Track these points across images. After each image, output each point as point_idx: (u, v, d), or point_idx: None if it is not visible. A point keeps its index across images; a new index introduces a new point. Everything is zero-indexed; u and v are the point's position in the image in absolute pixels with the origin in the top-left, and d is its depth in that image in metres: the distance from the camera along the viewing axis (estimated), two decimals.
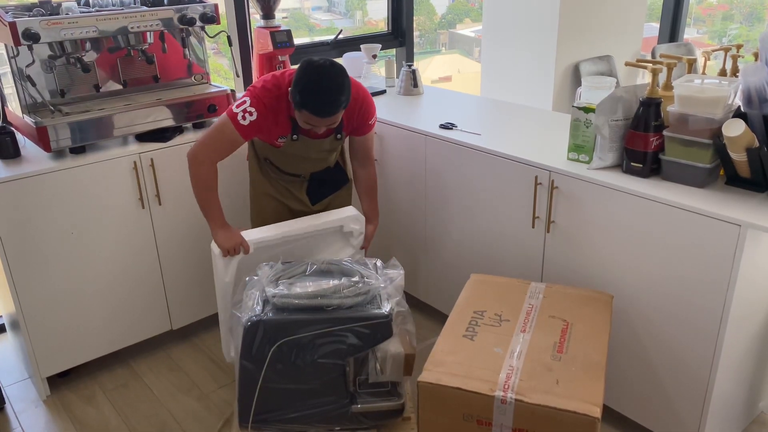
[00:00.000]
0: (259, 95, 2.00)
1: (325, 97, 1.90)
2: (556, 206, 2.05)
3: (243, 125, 1.99)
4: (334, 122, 1.99)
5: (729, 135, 1.70)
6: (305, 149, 2.15)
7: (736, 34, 5.95)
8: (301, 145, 2.13)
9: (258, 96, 2.00)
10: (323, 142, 2.15)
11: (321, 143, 2.15)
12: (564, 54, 3.74)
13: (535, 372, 1.59)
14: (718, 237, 1.69)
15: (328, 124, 1.98)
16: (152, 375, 2.49)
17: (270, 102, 2.01)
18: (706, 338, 1.79)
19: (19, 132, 2.33)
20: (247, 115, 1.98)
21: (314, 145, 2.15)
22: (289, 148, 2.14)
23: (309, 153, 2.17)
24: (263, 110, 1.99)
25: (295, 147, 2.13)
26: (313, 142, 2.13)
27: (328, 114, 1.92)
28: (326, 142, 2.15)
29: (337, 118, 1.97)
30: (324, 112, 1.92)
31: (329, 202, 2.36)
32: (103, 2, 2.34)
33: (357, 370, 1.89)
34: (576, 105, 1.99)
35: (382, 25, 3.90)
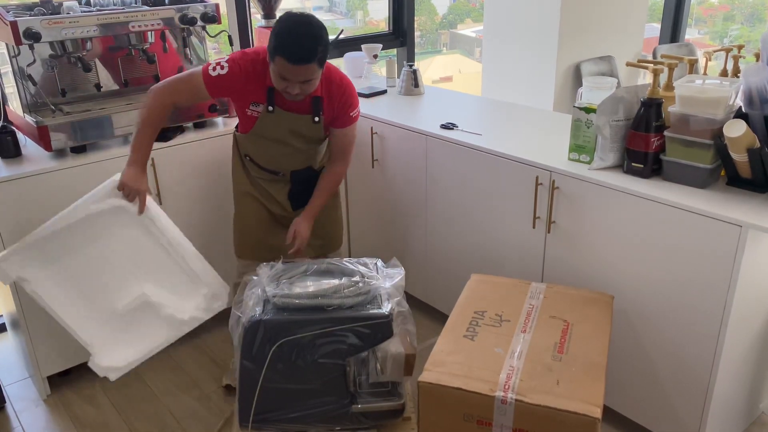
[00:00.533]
0: (236, 56, 1.99)
1: (300, 42, 1.84)
2: (556, 206, 2.05)
3: (211, 76, 1.96)
4: (308, 77, 1.89)
5: (730, 135, 1.70)
6: (280, 126, 2.06)
7: (737, 34, 5.95)
8: (277, 121, 2.05)
9: (234, 57, 1.99)
10: (300, 120, 2.06)
11: (298, 119, 2.06)
12: (565, 54, 3.74)
13: (536, 372, 1.59)
14: (719, 237, 1.68)
15: (301, 77, 1.88)
16: (153, 374, 2.49)
17: (245, 64, 1.97)
18: (706, 339, 1.79)
19: (20, 131, 2.33)
20: (218, 67, 1.96)
21: (291, 122, 2.06)
22: (266, 127, 2.06)
23: (286, 135, 2.07)
24: (235, 69, 1.96)
25: (271, 123, 2.05)
26: (290, 116, 2.05)
27: (301, 60, 1.84)
28: (303, 120, 2.06)
29: (311, 72, 1.88)
30: (297, 57, 1.84)
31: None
32: (104, 2, 2.34)
33: (357, 370, 1.88)
34: (577, 105, 1.99)
35: (383, 25, 3.90)
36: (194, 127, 2.52)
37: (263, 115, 2.04)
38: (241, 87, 1.99)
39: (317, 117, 2.06)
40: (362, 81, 3.18)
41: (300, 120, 2.07)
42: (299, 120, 2.07)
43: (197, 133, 2.46)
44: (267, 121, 2.05)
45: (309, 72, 1.88)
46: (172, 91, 1.99)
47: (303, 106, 2.04)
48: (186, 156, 2.41)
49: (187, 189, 2.44)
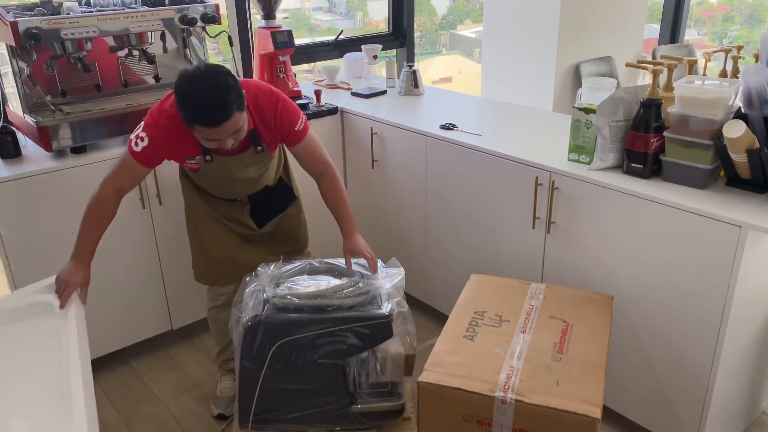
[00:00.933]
0: (154, 117, 1.83)
1: (209, 104, 1.68)
2: (556, 207, 2.05)
3: (136, 152, 1.82)
4: (235, 129, 1.74)
5: (729, 136, 1.70)
6: (227, 170, 1.94)
7: (737, 35, 5.95)
8: (221, 166, 1.92)
9: (152, 119, 1.83)
10: (243, 159, 1.94)
11: (241, 160, 1.94)
12: (564, 55, 3.74)
13: (536, 372, 1.59)
14: (719, 238, 1.69)
15: (228, 133, 1.73)
16: (152, 375, 2.49)
17: (166, 122, 1.81)
18: (706, 339, 1.79)
19: (20, 131, 2.33)
20: (139, 141, 1.81)
21: (235, 164, 1.93)
22: (210, 171, 1.94)
23: (233, 173, 1.95)
24: (156, 134, 1.81)
25: (215, 169, 1.93)
26: (232, 159, 1.92)
27: (219, 121, 1.69)
28: (247, 157, 1.94)
29: (235, 123, 1.73)
30: (214, 120, 1.69)
31: (278, 222, 2.16)
32: (104, 2, 2.34)
33: (357, 370, 1.89)
34: (577, 106, 1.99)
35: (383, 26, 3.90)
36: None
37: (203, 165, 1.92)
38: (169, 148, 1.85)
39: (259, 146, 1.94)
40: (362, 81, 3.18)
41: (242, 157, 1.94)
42: (241, 158, 1.94)
43: None
44: (209, 168, 1.94)
45: (233, 124, 1.73)
46: (112, 180, 1.86)
47: (242, 144, 1.89)
48: None
49: None
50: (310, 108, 2.75)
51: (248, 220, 2.11)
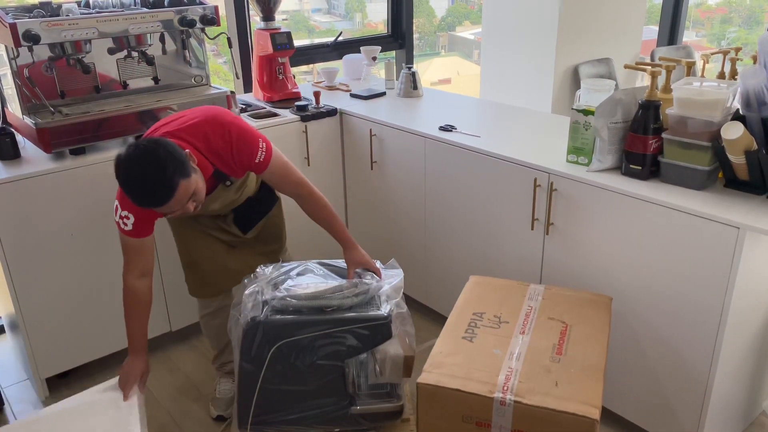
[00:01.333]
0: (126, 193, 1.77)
1: (151, 191, 1.65)
2: (555, 208, 2.06)
3: (129, 231, 1.81)
4: (187, 196, 1.70)
5: (728, 138, 1.71)
6: (203, 209, 1.91)
7: (735, 37, 5.96)
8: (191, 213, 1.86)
9: (122, 193, 1.77)
10: (215, 195, 1.92)
11: (213, 197, 1.92)
12: (563, 56, 3.75)
13: (534, 374, 1.59)
14: (717, 239, 1.69)
15: (183, 202, 1.70)
16: (151, 376, 2.47)
17: None
18: (705, 340, 1.79)
19: (19, 133, 2.33)
20: (126, 220, 1.80)
21: (209, 203, 1.91)
22: (183, 219, 1.95)
23: (208, 208, 1.94)
24: (135, 206, 1.75)
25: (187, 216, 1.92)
26: (203, 204, 1.86)
27: (165, 200, 1.66)
28: (218, 193, 1.92)
29: (185, 192, 1.68)
30: (159, 201, 1.66)
31: (263, 226, 2.14)
32: (103, 4, 2.34)
33: (356, 371, 1.89)
34: (575, 107, 1.99)
35: (382, 27, 3.91)
36: None
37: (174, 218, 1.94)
38: (149, 212, 1.80)
39: (227, 181, 1.91)
40: (361, 83, 3.19)
41: (213, 195, 1.92)
42: (213, 195, 1.92)
43: None
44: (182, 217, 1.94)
45: (183, 194, 1.68)
46: (129, 269, 1.87)
47: (208, 185, 1.85)
48: None
49: None
50: (309, 109, 2.75)
51: (233, 228, 2.09)
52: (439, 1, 7.03)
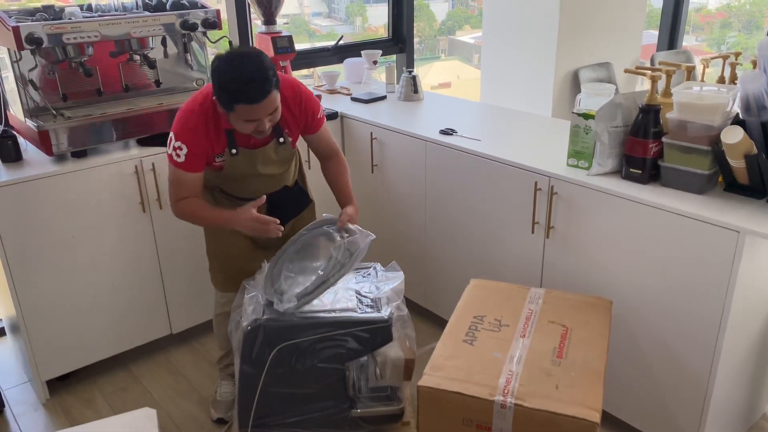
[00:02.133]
0: (182, 123, 1.86)
1: (252, 80, 1.73)
2: (555, 212, 2.06)
3: (181, 163, 1.86)
4: (274, 107, 1.79)
5: (727, 142, 1.71)
6: (250, 163, 1.96)
7: (735, 41, 5.98)
8: (245, 160, 1.94)
9: (181, 126, 1.86)
10: (266, 151, 1.96)
11: (265, 152, 1.96)
12: (563, 61, 3.76)
13: (535, 377, 1.59)
14: (717, 243, 1.69)
15: (268, 111, 1.78)
16: (152, 379, 2.49)
17: (196, 122, 1.85)
18: (705, 343, 1.80)
19: (21, 136, 2.33)
20: (179, 150, 1.84)
21: (259, 156, 1.96)
22: (233, 167, 1.95)
23: (256, 167, 1.97)
24: (191, 137, 1.84)
25: (239, 163, 1.94)
26: (256, 152, 1.95)
27: (263, 96, 1.74)
28: (269, 150, 1.96)
29: (274, 100, 1.78)
30: (257, 96, 1.74)
31: (292, 226, 2.14)
32: (105, 7, 2.35)
33: (357, 374, 1.89)
34: (576, 111, 2.00)
35: (382, 31, 3.92)
36: None
37: (228, 159, 1.94)
38: (205, 147, 1.88)
39: (281, 138, 1.97)
40: (362, 87, 3.20)
41: (266, 150, 1.97)
42: (266, 150, 1.97)
43: None
44: (234, 164, 1.95)
45: (272, 102, 1.78)
46: (179, 198, 1.92)
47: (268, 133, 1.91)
48: None
49: None
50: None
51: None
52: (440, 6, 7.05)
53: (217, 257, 2.15)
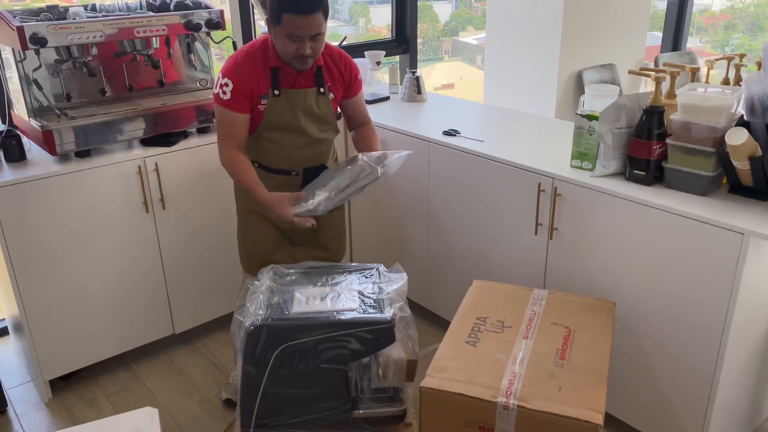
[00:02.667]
0: (230, 64, 1.97)
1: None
2: (558, 213, 2.06)
3: (226, 100, 1.94)
4: (319, 29, 1.87)
5: (732, 143, 1.71)
6: (292, 109, 2.00)
7: (739, 43, 5.97)
8: (287, 103, 1.99)
9: (228, 66, 1.96)
10: (308, 96, 2.01)
11: (306, 97, 2.01)
12: (567, 62, 3.75)
13: (538, 378, 1.59)
14: (721, 245, 1.69)
15: (313, 30, 1.86)
16: (154, 379, 2.49)
17: (243, 64, 1.95)
18: (708, 346, 1.79)
19: (25, 135, 2.34)
20: (225, 87, 1.94)
21: (300, 100, 2.00)
22: (275, 112, 2.00)
23: (297, 114, 2.01)
24: (237, 74, 1.94)
25: (281, 107, 1.99)
26: (296, 93, 2.00)
27: (310, 8, 1.83)
28: (311, 95, 2.02)
29: (320, 24, 1.87)
30: (306, 7, 1.82)
31: (319, 224, 2.14)
32: (110, 7, 2.36)
33: (359, 375, 1.89)
34: (579, 113, 1.99)
35: (385, 32, 3.92)
36: (198, 132, 2.53)
37: (271, 102, 1.99)
38: (251, 85, 1.96)
39: (322, 88, 2.04)
40: (365, 88, 3.19)
41: (307, 95, 2.02)
42: (306, 96, 2.02)
43: (201, 138, 2.47)
44: (275, 108, 2.00)
45: (317, 24, 1.86)
46: (224, 143, 1.99)
47: (307, 80, 2.02)
48: (190, 160, 2.42)
49: (191, 193, 2.45)
50: None
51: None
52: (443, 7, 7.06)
53: (243, 241, 2.21)
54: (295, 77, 2.00)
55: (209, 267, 2.57)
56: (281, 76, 1.98)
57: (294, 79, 2.00)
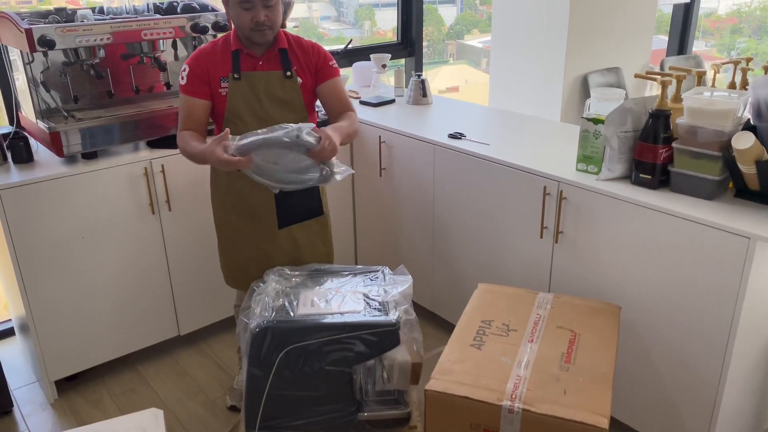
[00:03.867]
0: (192, 53, 2.01)
1: None
2: (564, 217, 2.06)
3: (183, 84, 1.97)
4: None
5: (738, 147, 1.71)
6: (253, 91, 1.97)
7: (745, 47, 5.96)
8: (247, 86, 1.96)
9: (191, 54, 2.00)
10: (270, 79, 1.98)
11: (268, 80, 1.98)
12: (572, 65, 3.75)
13: (543, 382, 1.59)
14: (727, 249, 1.69)
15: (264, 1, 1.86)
16: (159, 380, 2.50)
17: (202, 51, 1.98)
18: (714, 350, 1.79)
19: (33, 137, 2.35)
20: (183, 72, 1.97)
21: (261, 83, 1.97)
22: (236, 96, 1.96)
23: (259, 96, 1.97)
24: (194, 59, 1.97)
25: (242, 90, 1.96)
26: (259, 76, 1.97)
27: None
28: (274, 77, 1.98)
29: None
30: None
31: (298, 233, 2.12)
32: (117, 10, 2.37)
33: (364, 378, 1.89)
34: (585, 116, 1.99)
35: (391, 35, 3.92)
36: None
37: (231, 85, 1.96)
38: (207, 69, 1.96)
39: (288, 71, 1.99)
40: (371, 90, 3.20)
41: (271, 77, 1.99)
42: (269, 78, 1.99)
43: (208, 140, 2.47)
44: (236, 93, 1.97)
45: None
46: (182, 128, 1.99)
47: (270, 63, 1.99)
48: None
49: (197, 196, 2.46)
50: (318, 116, 2.76)
51: (272, 214, 2.06)
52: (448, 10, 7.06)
53: (223, 255, 2.18)
54: (257, 60, 1.98)
55: (214, 268, 2.57)
56: (242, 59, 1.97)
57: (255, 62, 1.98)
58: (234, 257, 2.14)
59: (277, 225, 2.08)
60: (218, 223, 2.16)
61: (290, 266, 2.07)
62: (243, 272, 2.13)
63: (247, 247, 2.11)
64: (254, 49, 1.97)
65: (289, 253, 2.12)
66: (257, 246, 2.10)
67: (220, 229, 2.16)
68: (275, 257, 2.10)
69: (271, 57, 1.99)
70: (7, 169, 2.20)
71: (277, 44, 1.99)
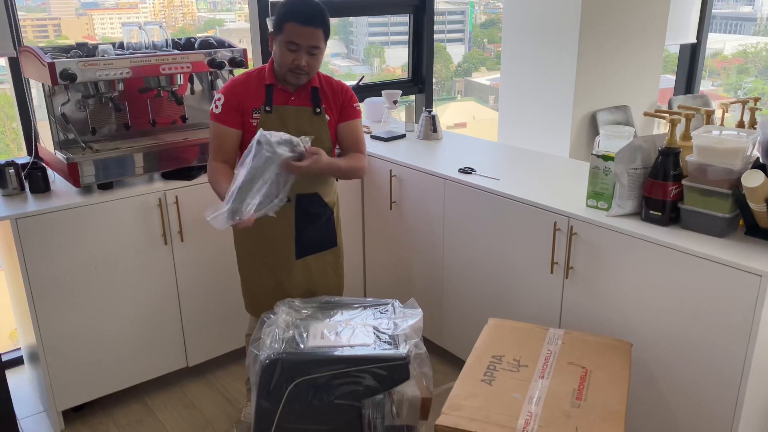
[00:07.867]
0: (227, 83, 2.07)
1: (309, 4, 1.93)
2: (574, 252, 2.06)
3: (217, 114, 2.01)
4: (317, 44, 1.93)
5: (748, 185, 1.72)
6: (283, 124, 2.02)
7: (751, 87, 6.01)
8: (278, 119, 2.02)
9: (225, 84, 2.06)
10: (300, 114, 2.04)
11: (299, 114, 2.04)
12: (581, 103, 3.80)
13: (554, 419, 1.57)
14: (739, 287, 1.68)
15: (311, 43, 1.92)
16: (166, 412, 2.48)
17: (237, 81, 2.04)
18: (727, 389, 1.77)
19: (50, 167, 2.39)
20: (218, 102, 2.02)
21: (292, 116, 2.03)
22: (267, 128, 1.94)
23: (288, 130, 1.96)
24: (229, 89, 2.02)
25: (272, 124, 2.01)
26: (290, 110, 2.03)
27: (312, 19, 1.91)
28: (304, 113, 2.04)
29: (319, 38, 1.93)
30: (308, 16, 1.91)
31: (313, 263, 2.16)
32: (136, 45, 2.43)
33: (373, 412, 1.87)
34: (595, 153, 2.02)
35: (399, 72, 4.00)
36: None
37: (262, 117, 2.02)
38: (241, 99, 2.01)
39: (318, 108, 2.06)
40: (382, 125, 3.25)
41: (301, 113, 2.05)
42: (299, 114, 2.05)
43: None
44: (266, 125, 2.00)
45: (317, 37, 1.93)
46: (212, 157, 2.04)
47: (301, 99, 2.05)
48: (209, 194, 2.43)
49: (207, 226, 2.46)
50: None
51: (290, 244, 2.10)
52: (456, 48, 7.18)
53: (245, 283, 2.21)
54: (289, 95, 2.04)
55: (224, 300, 2.58)
56: (275, 93, 2.03)
57: (288, 96, 2.04)
58: (255, 287, 2.16)
59: (294, 255, 2.12)
60: (239, 253, 2.19)
61: (300, 299, 2.08)
62: (262, 302, 2.15)
63: (265, 279, 2.14)
64: (288, 86, 2.04)
65: (302, 285, 2.15)
66: (275, 279, 2.13)
67: (241, 259, 2.18)
68: (289, 288, 2.13)
69: (303, 94, 2.06)
70: (24, 198, 2.23)
71: (310, 83, 2.05)
